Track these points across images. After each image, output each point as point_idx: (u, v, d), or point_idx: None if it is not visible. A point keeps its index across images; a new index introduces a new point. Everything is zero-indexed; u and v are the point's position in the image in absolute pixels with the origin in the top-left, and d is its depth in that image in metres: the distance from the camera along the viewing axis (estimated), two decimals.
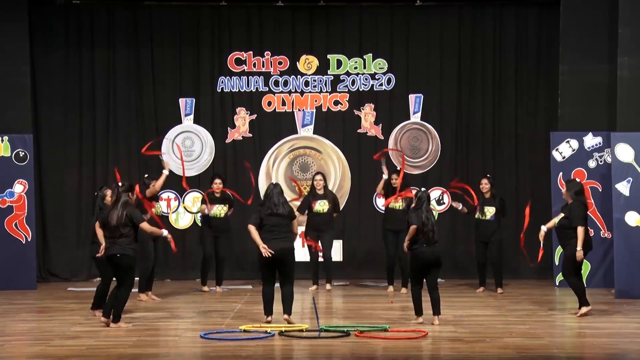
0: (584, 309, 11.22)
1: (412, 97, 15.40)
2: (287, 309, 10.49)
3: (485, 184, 13.58)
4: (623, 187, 13.04)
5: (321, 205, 13.72)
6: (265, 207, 10.58)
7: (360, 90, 15.40)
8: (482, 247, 13.55)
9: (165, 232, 11.09)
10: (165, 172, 12.78)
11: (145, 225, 10.61)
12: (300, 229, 12.82)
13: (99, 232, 10.67)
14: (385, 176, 13.59)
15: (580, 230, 11.13)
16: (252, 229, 10.50)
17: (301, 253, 13.79)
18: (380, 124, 15.39)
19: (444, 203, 15.32)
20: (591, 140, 13.99)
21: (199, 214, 14.16)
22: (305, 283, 13.79)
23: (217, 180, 13.66)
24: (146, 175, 12.93)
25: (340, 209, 14.32)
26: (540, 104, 15.33)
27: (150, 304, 12.41)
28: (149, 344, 9.67)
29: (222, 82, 15.37)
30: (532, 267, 14.97)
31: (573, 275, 11.33)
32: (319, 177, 13.91)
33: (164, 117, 15.36)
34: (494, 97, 15.41)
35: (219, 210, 13.58)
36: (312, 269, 13.81)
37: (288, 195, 12.45)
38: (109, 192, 11.10)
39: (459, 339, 9.75)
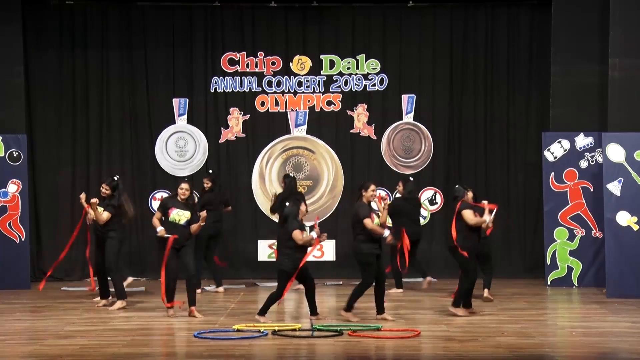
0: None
1: (404, 98, 15.43)
2: None
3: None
4: (614, 187, 13.09)
5: (179, 215, 12.38)
6: None
7: (353, 90, 15.42)
8: None
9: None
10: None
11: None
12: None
13: (302, 238, 10.88)
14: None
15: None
16: None
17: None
18: (373, 124, 15.42)
19: (436, 203, 15.37)
20: (582, 141, 14.04)
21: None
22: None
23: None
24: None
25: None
26: (532, 104, 15.37)
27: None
28: (142, 343, 9.69)
29: (216, 83, 15.39)
30: (524, 267, 15.08)
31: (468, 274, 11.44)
32: (185, 185, 13.22)
33: (157, 117, 15.36)
34: (486, 98, 15.45)
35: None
36: None
37: None
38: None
39: (451, 338, 9.79)
